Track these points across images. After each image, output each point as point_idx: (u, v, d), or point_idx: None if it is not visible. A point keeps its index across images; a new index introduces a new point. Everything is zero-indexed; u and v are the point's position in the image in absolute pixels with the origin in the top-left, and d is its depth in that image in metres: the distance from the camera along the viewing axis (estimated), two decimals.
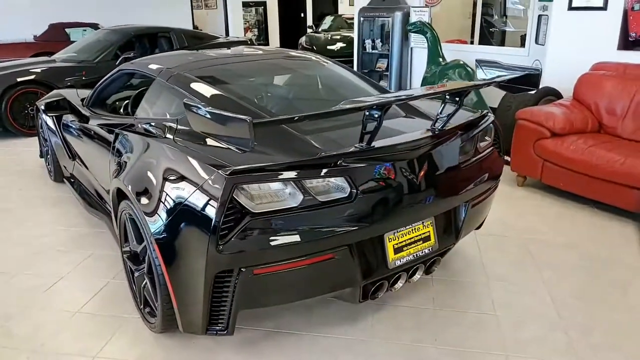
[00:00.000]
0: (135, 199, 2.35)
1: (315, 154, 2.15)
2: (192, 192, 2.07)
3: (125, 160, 2.66)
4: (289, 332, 2.58)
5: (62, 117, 4.11)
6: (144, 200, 2.29)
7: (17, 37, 9.68)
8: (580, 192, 4.00)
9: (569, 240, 3.54)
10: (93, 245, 3.53)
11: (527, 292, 2.91)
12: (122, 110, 3.70)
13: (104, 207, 3.47)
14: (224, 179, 1.97)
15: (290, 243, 2.04)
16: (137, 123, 2.88)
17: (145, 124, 2.79)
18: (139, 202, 2.32)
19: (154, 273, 2.29)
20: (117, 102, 3.91)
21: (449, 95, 2.46)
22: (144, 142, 2.61)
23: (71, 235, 3.70)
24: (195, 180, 2.09)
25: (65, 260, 3.33)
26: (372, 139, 2.15)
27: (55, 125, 4.25)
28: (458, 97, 2.44)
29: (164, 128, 2.61)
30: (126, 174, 2.54)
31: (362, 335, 2.55)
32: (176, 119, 2.64)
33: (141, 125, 2.80)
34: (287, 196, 2.07)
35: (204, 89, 2.78)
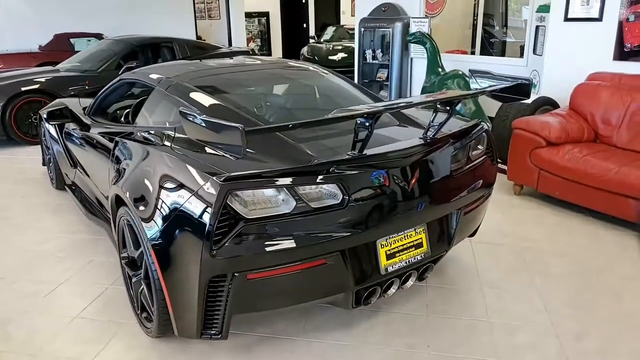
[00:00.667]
0: (132, 205, 2.40)
1: (308, 161, 2.20)
2: (187, 198, 2.12)
3: (124, 167, 2.71)
4: (283, 337, 2.61)
5: (64, 126, 4.18)
6: (140, 206, 2.34)
7: (22, 47, 9.80)
8: (576, 200, 4.03)
9: (564, 248, 3.56)
10: (93, 252, 3.57)
11: (520, 300, 2.93)
12: (123, 119, 3.76)
13: (104, 214, 3.52)
14: (218, 185, 2.02)
15: (283, 248, 2.08)
16: (136, 131, 2.94)
17: (144, 132, 2.85)
18: (136, 208, 2.36)
19: (150, 278, 2.33)
20: (117, 111, 3.98)
21: (440, 104, 2.51)
22: (142, 150, 2.66)
23: (71, 242, 3.75)
24: (190, 186, 2.14)
25: (65, 266, 3.38)
26: (364, 147, 2.19)
27: (57, 134, 4.32)
28: (449, 106, 2.49)
29: (162, 136, 2.67)
30: (124, 181, 2.59)
31: (356, 341, 2.58)
32: (174, 127, 2.69)
33: (140, 134, 2.86)
34: (280, 202, 2.11)
35: (202, 98, 2.84)
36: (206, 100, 2.82)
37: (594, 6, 4.81)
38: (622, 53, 4.71)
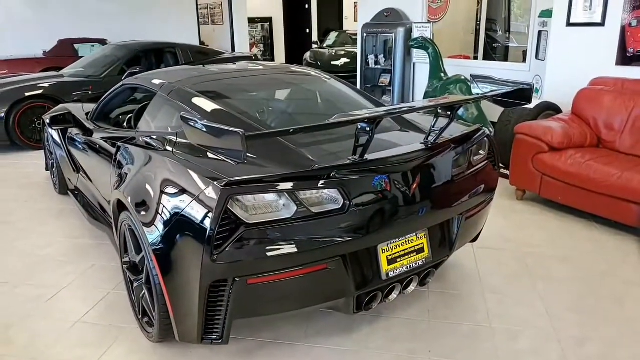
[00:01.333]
0: (134, 210, 2.40)
1: (309, 166, 2.20)
2: (188, 203, 2.13)
3: (126, 172, 2.73)
4: (284, 342, 2.61)
5: (67, 131, 4.20)
6: (142, 211, 2.35)
7: (27, 52, 9.87)
8: (579, 206, 4.02)
9: (566, 253, 3.55)
10: (95, 257, 3.58)
11: (522, 305, 2.92)
12: (125, 124, 3.78)
13: (106, 219, 3.53)
14: (218, 190, 2.02)
15: (284, 253, 2.08)
16: (138, 136, 2.95)
17: (146, 137, 2.86)
18: (137, 213, 2.37)
19: (151, 283, 2.34)
20: (120, 116, 3.99)
21: (441, 109, 2.51)
22: (144, 155, 2.67)
23: (74, 247, 3.76)
24: (191, 191, 2.15)
25: (67, 271, 3.38)
26: (364, 152, 2.20)
27: (60, 139, 4.34)
28: (450, 111, 2.49)
29: (164, 141, 2.68)
30: (126, 186, 2.60)
31: (357, 346, 2.57)
32: (176, 132, 2.70)
33: (142, 139, 2.87)
34: (281, 207, 2.11)
35: (204, 103, 2.85)
36: (208, 105, 2.83)
37: (596, 11, 4.82)
38: (625, 58, 4.70)
